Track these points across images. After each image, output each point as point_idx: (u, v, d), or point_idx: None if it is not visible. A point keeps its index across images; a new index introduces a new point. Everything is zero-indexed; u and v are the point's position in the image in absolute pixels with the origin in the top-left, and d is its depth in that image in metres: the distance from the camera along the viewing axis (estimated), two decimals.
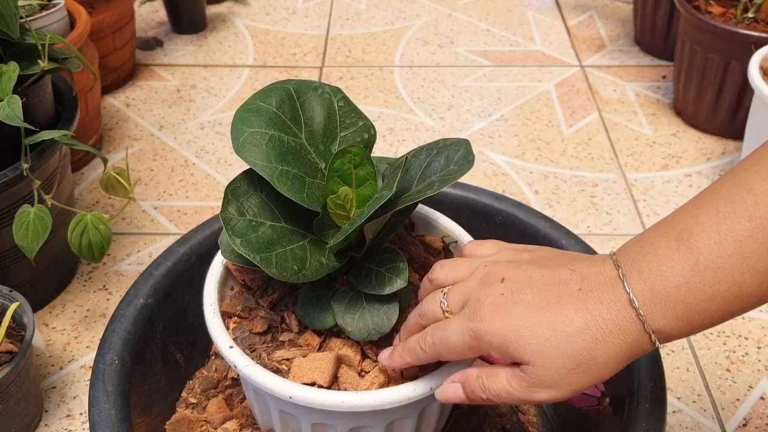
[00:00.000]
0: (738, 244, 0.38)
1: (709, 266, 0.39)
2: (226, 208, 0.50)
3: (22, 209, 0.77)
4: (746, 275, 0.38)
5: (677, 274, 0.40)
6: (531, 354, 0.42)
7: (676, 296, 0.40)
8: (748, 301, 0.39)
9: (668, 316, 0.40)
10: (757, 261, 0.38)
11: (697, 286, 0.39)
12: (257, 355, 0.52)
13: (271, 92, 0.53)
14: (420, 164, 0.53)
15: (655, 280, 0.40)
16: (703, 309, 0.39)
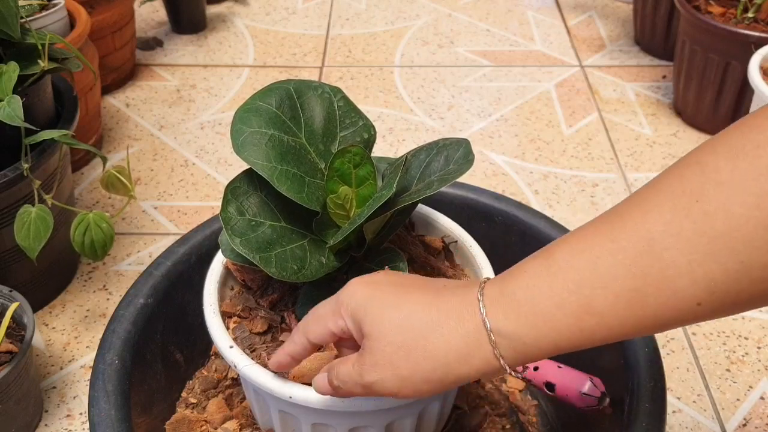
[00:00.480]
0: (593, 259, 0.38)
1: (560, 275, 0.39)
2: (225, 208, 0.50)
3: (24, 209, 0.77)
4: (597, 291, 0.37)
5: (528, 277, 0.40)
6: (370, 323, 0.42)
7: (521, 297, 0.39)
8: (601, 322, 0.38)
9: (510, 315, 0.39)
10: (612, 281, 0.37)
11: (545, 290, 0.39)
12: (257, 355, 0.52)
13: (271, 92, 0.53)
14: (420, 164, 0.53)
15: (506, 282, 0.41)
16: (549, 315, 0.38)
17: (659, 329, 0.38)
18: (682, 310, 0.36)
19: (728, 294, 0.35)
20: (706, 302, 0.36)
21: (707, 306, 0.36)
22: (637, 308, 0.37)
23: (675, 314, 0.37)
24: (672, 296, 0.36)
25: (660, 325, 0.37)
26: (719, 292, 0.35)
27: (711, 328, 0.92)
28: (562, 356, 0.68)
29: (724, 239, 0.35)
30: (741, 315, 0.94)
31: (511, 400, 0.73)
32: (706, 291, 0.35)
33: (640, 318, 0.37)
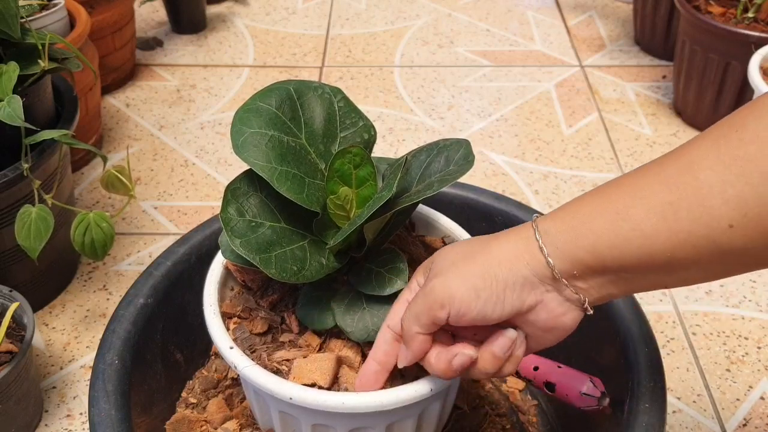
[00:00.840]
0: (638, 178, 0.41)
1: (606, 192, 0.42)
2: (225, 209, 0.50)
3: (24, 209, 0.77)
4: (636, 201, 0.40)
5: (579, 197, 0.44)
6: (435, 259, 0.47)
7: (569, 207, 0.44)
8: (636, 228, 0.40)
9: (556, 219, 0.43)
10: (651, 193, 0.40)
11: (588, 201, 0.43)
12: (257, 355, 0.52)
13: (271, 92, 0.53)
14: (420, 164, 0.53)
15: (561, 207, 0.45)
16: (589, 219, 0.42)
17: (694, 249, 0.39)
18: (714, 228, 0.38)
19: (761, 219, 0.37)
20: (738, 224, 0.37)
21: (740, 229, 0.37)
22: (671, 220, 0.39)
23: (707, 232, 0.38)
24: (704, 213, 0.38)
25: (693, 242, 0.39)
26: (752, 215, 0.37)
27: (711, 328, 0.92)
28: (562, 356, 0.68)
29: (756, 163, 0.37)
30: (741, 315, 0.94)
31: (511, 400, 0.74)
32: (738, 212, 0.37)
33: (674, 231, 0.39)
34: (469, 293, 0.43)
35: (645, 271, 0.41)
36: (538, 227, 0.44)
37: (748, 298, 0.97)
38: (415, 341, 0.46)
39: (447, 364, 0.45)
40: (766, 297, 0.97)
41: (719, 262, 0.40)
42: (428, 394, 0.49)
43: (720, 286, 0.98)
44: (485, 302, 0.43)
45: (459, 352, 0.45)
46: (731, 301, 0.96)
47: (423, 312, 0.45)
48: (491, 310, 0.44)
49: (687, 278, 0.41)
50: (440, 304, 0.44)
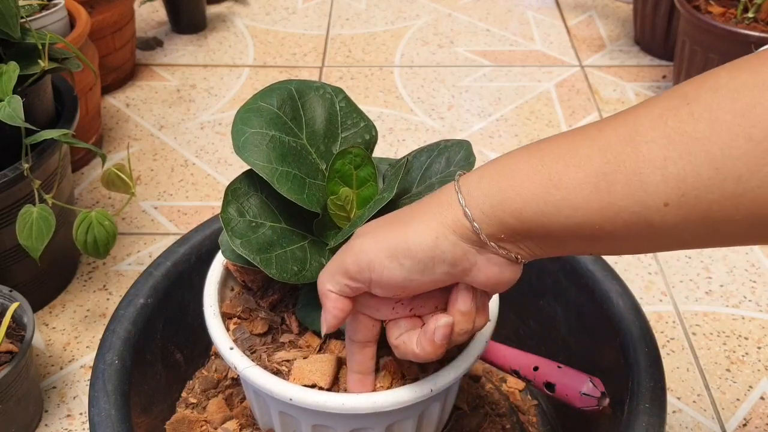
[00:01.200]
0: (575, 142, 0.39)
1: (538, 152, 0.40)
2: (226, 209, 0.50)
3: (25, 209, 0.77)
4: (570, 169, 0.38)
5: (508, 154, 0.41)
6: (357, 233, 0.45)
7: (496, 167, 0.41)
8: (567, 198, 0.38)
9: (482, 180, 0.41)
10: (586, 161, 0.37)
11: (520, 162, 0.40)
12: (257, 356, 0.52)
13: (272, 92, 0.53)
14: (421, 165, 0.53)
15: (487, 162, 0.42)
16: (518, 182, 0.39)
17: (624, 224, 0.37)
18: (649, 206, 0.36)
19: (698, 202, 0.35)
20: (673, 204, 0.35)
21: (674, 208, 0.35)
22: (604, 192, 0.37)
23: (640, 209, 0.36)
24: (640, 188, 0.36)
25: (624, 218, 0.37)
26: (689, 196, 0.35)
27: (711, 328, 0.92)
28: (562, 356, 0.68)
29: (703, 142, 0.34)
30: (741, 315, 0.94)
31: (511, 400, 0.74)
32: (675, 191, 0.35)
33: (606, 203, 0.37)
34: (389, 260, 0.42)
35: (571, 239, 0.40)
36: (461, 189, 0.41)
37: (748, 298, 0.97)
38: (327, 299, 0.44)
39: (431, 343, 0.44)
40: (766, 297, 0.97)
41: (647, 239, 0.38)
42: (428, 394, 0.49)
43: (720, 286, 0.98)
44: (410, 270, 0.42)
45: (436, 326, 0.44)
46: (731, 301, 0.96)
47: (337, 270, 0.44)
48: (419, 276, 0.42)
49: (613, 249, 0.40)
50: (357, 266, 0.43)
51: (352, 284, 0.43)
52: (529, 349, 0.66)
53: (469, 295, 0.44)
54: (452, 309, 0.45)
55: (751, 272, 1.00)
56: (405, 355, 0.46)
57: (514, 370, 0.64)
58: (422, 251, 0.41)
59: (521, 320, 0.76)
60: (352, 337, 0.48)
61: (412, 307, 0.46)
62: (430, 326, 0.44)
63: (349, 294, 0.44)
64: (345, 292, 0.44)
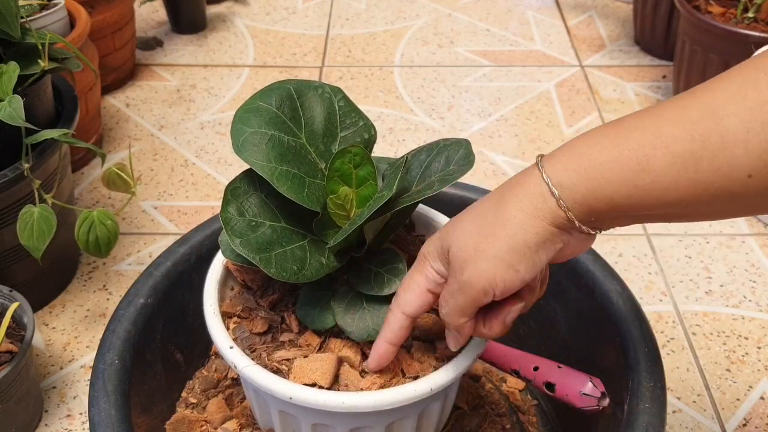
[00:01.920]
0: (659, 122, 0.39)
1: (623, 134, 0.40)
2: (225, 208, 0.50)
3: (26, 209, 0.77)
4: (657, 151, 0.39)
5: (591, 136, 0.42)
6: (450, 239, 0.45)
7: (581, 152, 0.41)
8: (656, 180, 0.39)
9: (569, 168, 0.41)
10: (672, 142, 0.38)
11: (606, 146, 0.40)
12: (257, 355, 0.52)
13: (271, 92, 0.53)
14: (420, 164, 0.53)
15: (568, 144, 0.43)
16: (607, 169, 0.40)
17: (711, 199, 0.38)
18: (734, 179, 0.37)
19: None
20: (757, 175, 0.36)
21: (757, 179, 0.36)
22: (691, 171, 0.38)
23: (726, 183, 0.37)
24: (725, 163, 0.37)
25: (711, 193, 0.38)
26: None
27: (711, 328, 0.92)
28: (562, 356, 0.68)
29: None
30: (741, 315, 0.94)
31: (511, 400, 0.74)
32: (759, 161, 0.36)
33: (693, 181, 0.38)
34: (509, 272, 0.43)
35: (656, 214, 0.41)
36: (551, 180, 0.42)
37: (748, 298, 0.97)
38: (465, 329, 0.47)
39: (502, 325, 0.47)
40: (766, 297, 0.97)
41: (727, 207, 0.39)
42: (428, 393, 0.49)
43: (720, 286, 0.98)
44: (524, 272, 0.44)
45: (509, 310, 0.46)
46: (731, 301, 0.96)
47: (468, 305, 0.45)
48: (531, 274, 0.44)
49: (689, 217, 0.41)
50: (483, 292, 0.44)
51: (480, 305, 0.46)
52: (529, 349, 0.66)
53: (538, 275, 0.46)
54: (524, 293, 0.47)
55: (751, 272, 1.00)
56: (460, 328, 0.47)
57: (514, 369, 0.64)
58: (530, 250, 0.43)
59: (521, 320, 0.76)
60: (404, 309, 0.48)
61: None
62: (503, 310, 0.46)
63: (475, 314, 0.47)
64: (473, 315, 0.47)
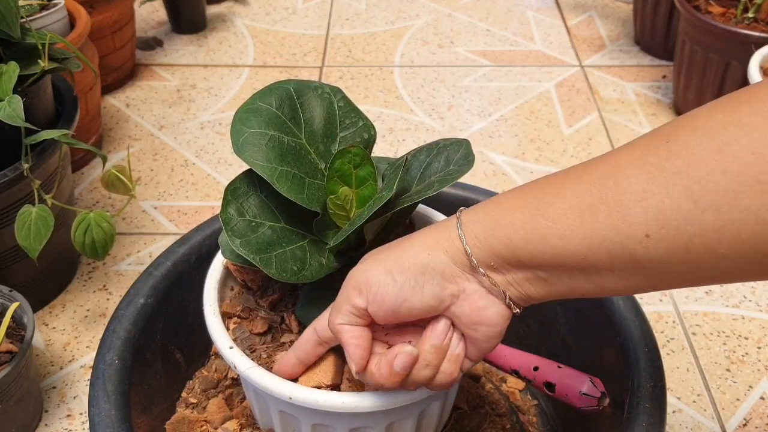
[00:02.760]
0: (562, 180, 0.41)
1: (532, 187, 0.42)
2: (225, 209, 0.50)
3: (24, 209, 0.77)
4: (557, 201, 0.40)
5: (508, 192, 0.44)
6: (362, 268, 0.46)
7: (496, 199, 0.43)
8: (553, 227, 0.39)
9: (478, 211, 0.43)
10: (572, 195, 0.39)
11: (513, 196, 0.43)
12: (257, 355, 0.52)
13: (270, 92, 0.53)
14: (420, 164, 0.53)
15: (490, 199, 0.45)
16: (510, 212, 0.41)
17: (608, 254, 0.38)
18: (630, 236, 0.37)
19: (679, 234, 0.36)
20: (655, 236, 0.37)
21: (656, 240, 0.37)
22: (588, 222, 0.38)
23: (622, 239, 0.37)
24: (621, 220, 0.37)
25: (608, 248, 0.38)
26: (669, 227, 0.36)
27: (711, 328, 0.92)
28: (562, 356, 0.68)
29: (681, 176, 0.36)
30: (741, 315, 0.94)
31: (511, 400, 0.74)
32: (656, 222, 0.36)
33: (589, 233, 0.38)
34: (384, 276, 0.43)
35: (559, 272, 0.41)
36: (461, 217, 0.43)
37: (748, 298, 0.97)
38: (342, 333, 0.45)
39: (389, 368, 0.44)
40: (766, 297, 0.97)
41: (634, 273, 0.39)
42: (428, 394, 0.49)
43: (720, 286, 0.98)
44: (402, 287, 0.43)
45: (399, 352, 0.44)
46: (731, 301, 0.96)
47: (341, 301, 0.45)
48: (410, 295, 0.43)
49: (604, 286, 0.40)
50: (357, 289, 0.44)
51: (355, 310, 0.44)
52: (529, 349, 0.66)
53: (444, 329, 0.45)
54: (423, 339, 0.45)
55: None
56: (363, 375, 0.46)
57: (514, 370, 0.64)
58: (414, 265, 0.43)
59: (521, 320, 0.76)
60: (318, 331, 0.48)
61: (388, 333, 0.47)
62: (394, 350, 0.45)
63: (360, 322, 0.45)
64: (354, 321, 0.45)
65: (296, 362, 0.50)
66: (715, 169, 0.35)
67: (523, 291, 0.43)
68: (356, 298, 0.44)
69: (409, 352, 0.44)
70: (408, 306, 0.43)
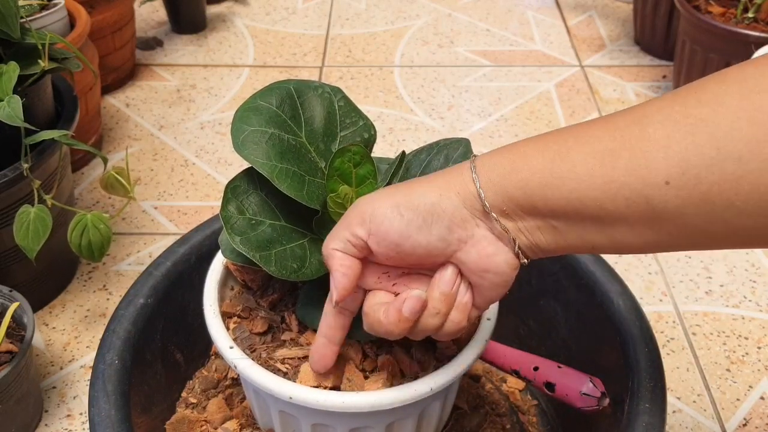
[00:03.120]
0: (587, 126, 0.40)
1: (552, 133, 0.41)
2: (225, 207, 0.50)
3: (23, 209, 0.77)
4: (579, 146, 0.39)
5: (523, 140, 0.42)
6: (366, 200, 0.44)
7: (512, 145, 0.42)
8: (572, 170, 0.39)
9: (494, 152, 0.42)
10: (595, 140, 0.39)
11: (533, 140, 0.41)
12: (257, 355, 0.52)
13: (271, 91, 0.53)
14: (420, 163, 0.53)
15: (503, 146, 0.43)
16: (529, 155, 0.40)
17: (626, 202, 0.38)
18: (649, 183, 0.37)
19: (699, 182, 0.36)
20: (675, 182, 0.36)
21: (675, 188, 0.36)
22: (608, 167, 0.38)
23: (641, 186, 0.37)
24: (643, 165, 0.37)
25: (626, 195, 0.38)
26: (690, 175, 0.36)
27: (711, 328, 0.92)
28: (562, 356, 0.68)
29: (706, 123, 0.35)
30: (741, 315, 0.94)
31: (512, 400, 0.74)
32: (677, 169, 0.36)
33: (609, 178, 0.38)
34: (391, 210, 0.42)
35: (573, 220, 0.40)
36: (475, 161, 0.42)
37: (748, 298, 0.97)
38: (333, 259, 0.43)
39: (398, 314, 0.43)
40: (766, 297, 0.97)
41: (648, 225, 0.38)
42: (428, 393, 0.49)
43: (720, 286, 0.98)
44: (408, 223, 0.41)
45: (408, 296, 0.43)
46: (731, 301, 0.96)
47: (342, 227, 0.43)
48: (416, 233, 0.42)
49: (615, 238, 0.40)
50: (360, 218, 0.42)
51: (353, 238, 0.43)
52: (529, 349, 0.66)
53: (452, 276, 0.44)
54: (432, 286, 0.44)
55: (751, 272, 1.00)
56: (371, 323, 0.45)
57: (514, 370, 0.64)
58: (423, 204, 0.42)
59: (521, 320, 0.76)
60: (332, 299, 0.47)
61: (396, 283, 0.46)
62: (402, 295, 0.44)
63: (353, 252, 0.44)
64: (348, 249, 0.43)
65: (325, 341, 0.48)
66: (741, 117, 0.35)
67: (534, 240, 0.42)
68: (357, 227, 0.43)
69: (418, 296, 0.43)
70: (412, 243, 0.42)
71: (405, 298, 0.43)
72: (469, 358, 0.51)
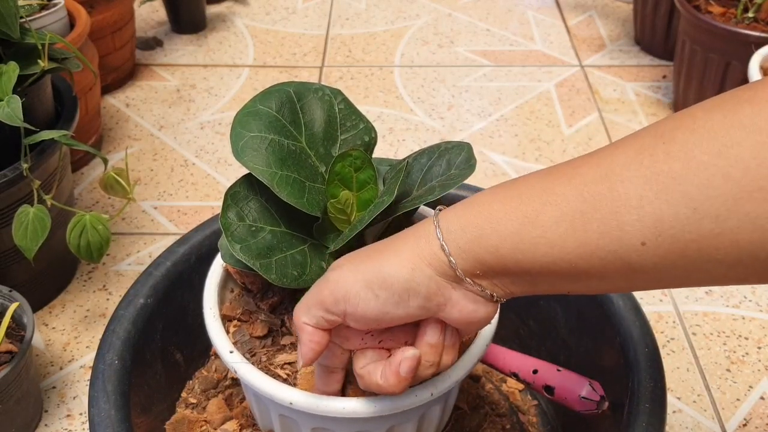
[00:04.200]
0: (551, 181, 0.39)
1: (517, 190, 0.40)
2: (225, 213, 0.49)
3: (22, 209, 0.77)
4: (547, 207, 0.38)
5: (486, 192, 0.41)
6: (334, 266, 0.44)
7: (475, 202, 0.41)
8: (543, 236, 0.38)
9: (460, 215, 0.41)
10: (563, 201, 0.37)
11: (498, 198, 0.40)
12: (257, 359, 0.52)
13: (270, 95, 0.52)
14: (421, 168, 0.53)
15: (466, 199, 0.42)
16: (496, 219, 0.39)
17: (601, 262, 0.37)
18: (625, 244, 0.36)
19: (675, 241, 0.34)
20: (651, 244, 0.35)
21: (652, 248, 0.35)
22: (580, 231, 0.37)
23: (616, 247, 0.36)
24: (616, 227, 0.36)
25: (601, 256, 0.37)
26: (666, 236, 0.34)
27: (711, 328, 0.92)
28: (562, 357, 0.68)
29: (679, 182, 0.34)
30: (741, 315, 0.94)
31: (511, 400, 0.74)
32: (652, 231, 0.35)
33: (581, 242, 0.37)
34: (365, 291, 0.41)
35: (547, 277, 0.39)
36: (440, 224, 0.41)
37: (748, 298, 0.97)
38: (304, 333, 0.43)
39: (396, 376, 0.43)
40: (766, 297, 0.97)
41: (624, 278, 0.37)
42: (428, 398, 0.48)
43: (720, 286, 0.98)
44: (384, 302, 0.41)
45: (403, 358, 0.43)
46: (731, 301, 0.96)
47: (314, 302, 0.43)
48: (393, 309, 0.42)
49: (590, 287, 0.39)
50: (333, 298, 0.42)
51: (328, 316, 0.43)
52: (530, 350, 0.66)
53: (438, 328, 0.44)
54: (420, 341, 0.45)
55: None
56: (368, 385, 0.45)
57: (513, 372, 0.64)
58: (398, 282, 0.41)
59: (521, 320, 0.76)
60: (321, 361, 0.47)
61: (381, 339, 0.46)
62: (396, 357, 0.44)
63: (325, 326, 0.43)
64: (321, 325, 0.43)
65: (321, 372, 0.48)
66: (715, 174, 0.33)
67: (509, 290, 0.42)
68: (332, 307, 0.42)
69: (413, 356, 0.43)
70: (391, 317, 0.42)
71: (400, 360, 0.43)
72: (469, 363, 0.50)
